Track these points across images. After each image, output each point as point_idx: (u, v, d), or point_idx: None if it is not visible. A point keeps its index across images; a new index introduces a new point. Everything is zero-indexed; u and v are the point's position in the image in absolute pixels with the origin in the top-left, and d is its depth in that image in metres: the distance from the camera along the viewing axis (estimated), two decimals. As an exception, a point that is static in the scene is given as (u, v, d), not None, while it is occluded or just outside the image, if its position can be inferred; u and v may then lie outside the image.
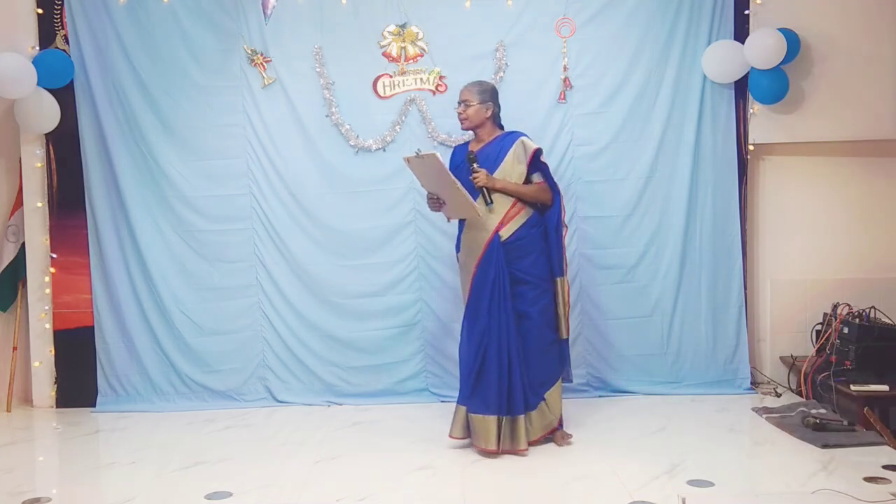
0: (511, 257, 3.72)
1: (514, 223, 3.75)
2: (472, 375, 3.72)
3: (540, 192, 3.81)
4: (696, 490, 3.22)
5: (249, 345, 4.72)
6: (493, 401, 3.67)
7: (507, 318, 3.69)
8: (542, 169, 3.84)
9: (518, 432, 3.68)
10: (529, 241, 3.77)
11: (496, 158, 3.79)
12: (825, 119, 4.63)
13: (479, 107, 3.86)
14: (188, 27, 4.63)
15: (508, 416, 3.68)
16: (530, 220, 3.79)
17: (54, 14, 4.62)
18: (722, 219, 4.68)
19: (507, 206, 3.75)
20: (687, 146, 4.64)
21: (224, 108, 4.65)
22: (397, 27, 4.65)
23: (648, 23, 4.61)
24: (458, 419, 3.79)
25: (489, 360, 3.69)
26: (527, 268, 3.75)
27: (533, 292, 3.76)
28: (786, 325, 4.76)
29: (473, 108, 3.86)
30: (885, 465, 3.40)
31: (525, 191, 3.77)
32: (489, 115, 3.88)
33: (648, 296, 4.70)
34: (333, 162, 4.68)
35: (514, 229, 3.75)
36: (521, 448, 3.69)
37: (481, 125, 3.89)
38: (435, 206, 3.87)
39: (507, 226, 3.74)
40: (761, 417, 4.15)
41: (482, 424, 3.68)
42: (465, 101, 3.88)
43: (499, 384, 3.67)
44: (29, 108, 4.49)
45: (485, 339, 3.70)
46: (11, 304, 4.78)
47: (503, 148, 3.82)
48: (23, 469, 3.76)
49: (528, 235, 3.77)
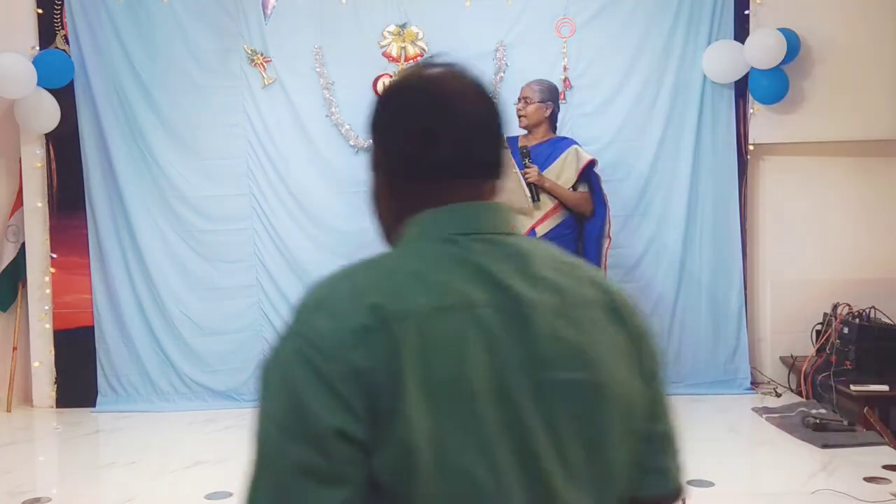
0: None
1: (551, 221, 3.72)
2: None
3: (583, 202, 3.77)
4: (696, 490, 3.22)
5: (249, 345, 4.72)
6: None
7: None
8: (593, 179, 3.80)
9: None
10: (563, 243, 3.71)
11: (546, 159, 3.75)
12: (825, 119, 4.63)
13: (539, 105, 3.79)
14: (188, 27, 4.63)
15: None
16: (566, 221, 3.76)
17: (54, 14, 4.62)
18: (722, 219, 4.68)
19: (549, 206, 3.71)
20: (687, 146, 4.64)
21: (224, 108, 4.65)
22: (397, 27, 4.65)
23: (648, 23, 4.61)
24: None
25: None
26: None
27: None
28: (786, 325, 4.76)
29: (534, 105, 3.78)
30: (885, 465, 3.39)
31: (570, 196, 3.73)
32: (548, 114, 3.83)
33: (648, 296, 4.70)
34: (333, 162, 4.68)
35: (550, 227, 3.71)
36: None
37: (539, 124, 3.82)
38: None
39: (544, 223, 3.70)
40: (761, 417, 4.15)
41: None
42: (526, 97, 3.79)
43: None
44: (29, 108, 4.49)
45: None
46: (11, 304, 4.77)
47: (555, 151, 3.78)
48: (23, 469, 3.76)
49: (561, 236, 3.73)
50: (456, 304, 0.93)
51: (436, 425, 0.88)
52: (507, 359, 0.93)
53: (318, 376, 0.88)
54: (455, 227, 1.01)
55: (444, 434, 0.88)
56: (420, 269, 0.96)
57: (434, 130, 1.01)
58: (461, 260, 0.97)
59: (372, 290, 0.93)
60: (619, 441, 1.00)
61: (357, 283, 0.95)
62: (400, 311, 0.90)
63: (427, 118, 1.02)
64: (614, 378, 1.00)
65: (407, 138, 1.03)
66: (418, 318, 0.91)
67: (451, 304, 0.93)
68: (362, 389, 0.87)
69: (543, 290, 0.98)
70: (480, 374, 0.91)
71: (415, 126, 1.02)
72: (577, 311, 1.00)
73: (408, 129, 1.02)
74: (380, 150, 1.07)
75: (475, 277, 0.96)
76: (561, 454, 0.94)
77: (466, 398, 0.90)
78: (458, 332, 0.92)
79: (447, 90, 1.06)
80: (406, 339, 0.89)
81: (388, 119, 1.06)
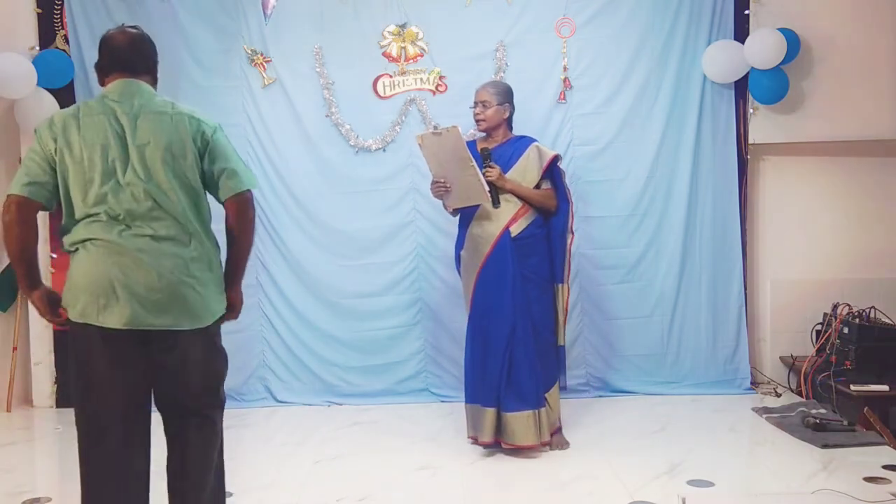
0: (520, 255, 3.69)
1: (524, 221, 3.70)
2: (503, 377, 3.63)
3: (546, 199, 3.76)
4: (696, 490, 3.23)
5: (249, 345, 4.72)
6: (531, 396, 3.63)
7: (527, 314, 3.66)
8: (556, 175, 3.79)
9: (543, 425, 3.67)
10: (536, 241, 3.75)
11: (508, 161, 3.73)
12: (825, 119, 4.63)
13: (498, 108, 3.78)
14: (188, 27, 4.63)
15: (541, 409, 3.66)
16: (537, 219, 3.75)
17: (54, 14, 4.63)
18: (722, 219, 4.68)
19: (518, 206, 3.70)
20: (687, 146, 4.64)
21: (224, 108, 4.64)
22: (397, 27, 4.65)
23: (648, 23, 4.61)
24: (486, 423, 3.66)
25: (517, 356, 3.64)
26: (533, 266, 3.72)
27: (536, 291, 3.74)
28: (786, 325, 4.76)
29: (493, 109, 3.77)
30: (885, 465, 3.40)
31: (533, 195, 3.72)
32: (506, 116, 3.82)
33: (648, 296, 4.70)
34: (333, 162, 4.68)
35: (523, 226, 3.70)
36: (546, 440, 3.69)
37: (498, 126, 3.82)
38: (439, 191, 3.76)
39: (517, 222, 3.68)
40: (761, 417, 4.15)
41: (523, 421, 3.62)
42: (484, 101, 3.78)
43: (530, 378, 3.64)
44: (29, 108, 4.48)
45: (512, 336, 3.64)
46: (11, 304, 4.78)
47: (515, 151, 3.76)
48: (23, 469, 3.76)
49: (534, 234, 3.74)
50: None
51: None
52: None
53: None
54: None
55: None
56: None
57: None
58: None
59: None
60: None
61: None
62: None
63: None
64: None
65: None
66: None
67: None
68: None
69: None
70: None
71: None
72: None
73: None
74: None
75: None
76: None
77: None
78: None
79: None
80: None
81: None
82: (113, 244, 2.43)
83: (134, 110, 2.51)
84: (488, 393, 3.66)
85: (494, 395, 3.65)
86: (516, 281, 3.66)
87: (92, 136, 2.46)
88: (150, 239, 2.46)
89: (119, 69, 2.58)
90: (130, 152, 2.47)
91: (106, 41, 2.61)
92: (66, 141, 2.46)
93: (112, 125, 2.48)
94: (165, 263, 2.46)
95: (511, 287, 3.66)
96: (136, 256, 2.43)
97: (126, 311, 2.41)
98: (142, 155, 2.48)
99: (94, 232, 2.45)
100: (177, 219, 2.51)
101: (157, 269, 2.44)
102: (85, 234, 2.46)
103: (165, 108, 2.57)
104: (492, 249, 3.69)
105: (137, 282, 2.42)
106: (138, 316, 2.42)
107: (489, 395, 3.66)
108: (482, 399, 3.68)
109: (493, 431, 3.66)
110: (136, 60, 2.61)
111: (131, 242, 2.44)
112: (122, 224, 2.45)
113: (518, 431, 3.63)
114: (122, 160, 2.47)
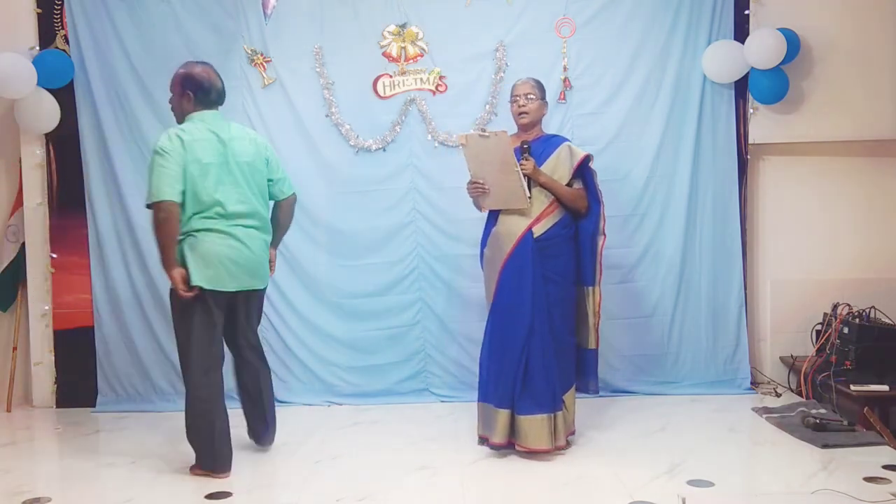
0: (542, 256, 3.65)
1: (548, 221, 3.67)
2: (518, 378, 3.60)
3: (578, 198, 3.72)
4: (696, 490, 3.22)
5: (249, 345, 4.72)
6: (547, 399, 3.60)
7: (546, 316, 3.63)
8: (587, 175, 3.77)
9: (559, 429, 3.65)
10: (560, 242, 3.70)
11: (540, 156, 3.70)
12: (825, 119, 4.64)
13: (540, 103, 3.76)
14: (188, 27, 4.63)
15: (557, 412, 3.63)
16: (562, 220, 3.70)
17: (54, 14, 4.63)
18: (722, 219, 4.68)
19: (545, 205, 3.66)
20: (687, 146, 4.64)
21: (224, 108, 4.58)
22: (397, 27, 4.66)
23: (648, 23, 4.61)
24: (498, 424, 3.63)
25: (534, 358, 3.60)
26: (556, 268, 3.67)
27: (558, 293, 3.69)
28: (786, 325, 4.76)
29: (536, 102, 3.75)
30: (885, 465, 3.40)
31: (565, 192, 3.69)
32: (545, 112, 3.83)
33: (648, 296, 4.70)
34: (333, 162, 4.68)
35: (546, 227, 3.66)
36: (561, 444, 3.67)
37: (537, 122, 3.79)
38: (477, 191, 3.73)
39: (540, 223, 3.66)
40: (761, 417, 4.15)
41: (537, 424, 3.59)
42: (528, 94, 3.75)
43: (546, 380, 3.60)
44: (29, 108, 4.49)
45: (530, 338, 3.61)
46: (11, 304, 4.78)
47: (547, 149, 3.73)
48: (23, 469, 3.76)
49: (559, 235, 3.69)
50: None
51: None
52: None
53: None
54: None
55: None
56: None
57: None
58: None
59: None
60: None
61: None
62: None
63: None
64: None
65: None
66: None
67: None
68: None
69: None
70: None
71: None
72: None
73: None
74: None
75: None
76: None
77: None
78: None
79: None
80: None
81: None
82: (225, 234, 3.47)
83: (230, 135, 3.53)
84: (502, 394, 3.64)
85: (509, 397, 3.62)
86: (537, 281, 3.62)
87: (208, 155, 3.43)
88: (247, 228, 3.53)
89: (211, 105, 3.61)
90: (232, 167, 3.49)
91: (200, 79, 3.58)
92: (194, 157, 3.38)
93: (217, 147, 3.47)
94: (256, 245, 3.56)
95: (531, 288, 3.62)
96: (240, 242, 3.51)
97: (240, 279, 3.49)
98: (241, 169, 3.51)
99: (210, 224, 3.44)
100: (260, 213, 3.59)
101: (252, 249, 3.53)
102: (204, 225, 3.45)
103: (244, 133, 3.63)
104: (513, 249, 3.65)
105: (242, 257, 3.49)
106: (244, 282, 3.51)
107: (503, 396, 3.63)
108: (495, 399, 3.66)
109: (507, 433, 3.64)
110: (221, 99, 3.69)
111: (238, 232, 3.50)
112: (231, 220, 3.48)
113: (531, 435, 3.59)
114: (228, 173, 3.48)
